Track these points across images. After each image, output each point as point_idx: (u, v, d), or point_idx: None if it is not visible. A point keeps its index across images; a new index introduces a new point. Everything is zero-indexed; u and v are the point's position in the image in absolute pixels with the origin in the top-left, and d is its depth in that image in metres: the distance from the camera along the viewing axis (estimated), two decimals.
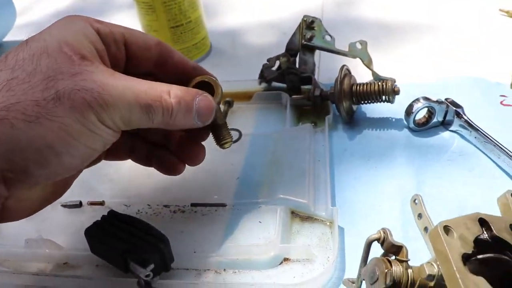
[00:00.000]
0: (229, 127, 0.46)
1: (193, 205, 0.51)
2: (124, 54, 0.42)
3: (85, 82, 0.34)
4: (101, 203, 0.53)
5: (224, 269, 0.45)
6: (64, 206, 0.54)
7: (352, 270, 0.43)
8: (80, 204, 0.53)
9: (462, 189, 0.50)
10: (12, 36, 0.97)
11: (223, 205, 0.51)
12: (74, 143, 0.34)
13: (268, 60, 0.63)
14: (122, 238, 0.43)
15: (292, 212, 0.50)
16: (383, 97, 0.57)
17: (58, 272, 0.47)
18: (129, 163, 0.58)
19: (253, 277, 0.44)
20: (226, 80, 0.67)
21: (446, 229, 0.33)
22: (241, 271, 0.45)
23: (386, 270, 0.32)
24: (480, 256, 0.33)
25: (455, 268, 0.30)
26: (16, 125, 0.32)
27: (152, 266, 0.41)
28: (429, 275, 0.32)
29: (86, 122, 0.34)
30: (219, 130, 0.45)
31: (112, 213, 0.46)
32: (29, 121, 0.32)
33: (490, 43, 0.74)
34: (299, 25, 0.64)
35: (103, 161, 0.50)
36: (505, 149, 0.51)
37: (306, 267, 0.44)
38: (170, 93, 0.38)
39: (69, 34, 0.36)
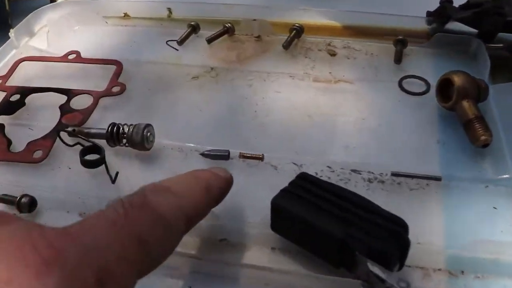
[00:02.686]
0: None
1: (394, 174, 0.38)
2: None
3: None
4: (260, 158, 0.39)
5: (462, 272, 0.32)
6: (205, 155, 0.40)
7: None
8: (228, 156, 0.40)
9: None
10: None
11: (438, 178, 0.37)
12: None
13: None
14: (340, 217, 0.30)
15: None
16: None
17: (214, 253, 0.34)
18: (291, 114, 0.45)
19: (505, 285, 0.32)
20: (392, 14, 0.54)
21: None
22: (486, 276, 0.32)
23: None
24: None
25: None
26: None
27: (397, 265, 0.28)
28: None
29: None
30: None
31: (307, 178, 0.33)
32: None
33: None
34: None
35: (257, 112, 0.45)
36: None
37: None
38: None
39: None
